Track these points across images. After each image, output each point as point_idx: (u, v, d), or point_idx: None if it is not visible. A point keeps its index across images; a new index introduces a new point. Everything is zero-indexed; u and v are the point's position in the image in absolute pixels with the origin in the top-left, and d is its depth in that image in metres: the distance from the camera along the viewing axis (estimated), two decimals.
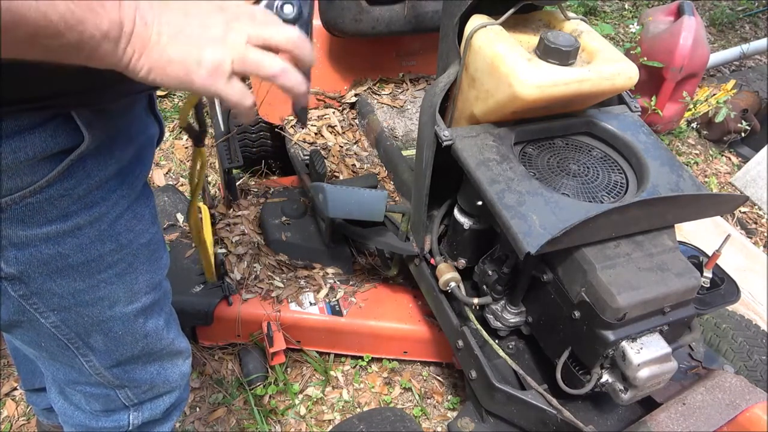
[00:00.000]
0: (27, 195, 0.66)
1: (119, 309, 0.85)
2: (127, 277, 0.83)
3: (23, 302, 0.77)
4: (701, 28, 2.64)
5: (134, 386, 0.98)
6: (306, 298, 1.72)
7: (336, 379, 1.76)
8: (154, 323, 0.92)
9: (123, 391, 0.97)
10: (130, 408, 1.01)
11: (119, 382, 0.95)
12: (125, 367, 0.94)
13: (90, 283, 0.79)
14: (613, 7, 3.98)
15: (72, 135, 0.67)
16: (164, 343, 0.97)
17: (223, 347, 1.76)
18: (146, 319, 0.90)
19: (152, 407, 1.03)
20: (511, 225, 1.07)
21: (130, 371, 0.95)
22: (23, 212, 0.68)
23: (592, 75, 1.15)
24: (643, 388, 1.10)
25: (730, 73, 3.58)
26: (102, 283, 0.80)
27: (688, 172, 1.25)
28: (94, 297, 0.81)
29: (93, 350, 0.88)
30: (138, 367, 0.96)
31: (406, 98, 2.38)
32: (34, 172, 0.66)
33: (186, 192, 2.15)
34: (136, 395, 0.99)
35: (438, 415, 1.73)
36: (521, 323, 1.32)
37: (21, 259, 0.71)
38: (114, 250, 0.79)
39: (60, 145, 0.66)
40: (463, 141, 1.21)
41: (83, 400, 0.98)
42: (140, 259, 0.84)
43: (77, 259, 0.75)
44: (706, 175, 2.83)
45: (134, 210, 0.80)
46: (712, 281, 1.37)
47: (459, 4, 1.19)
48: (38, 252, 0.72)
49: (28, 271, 0.73)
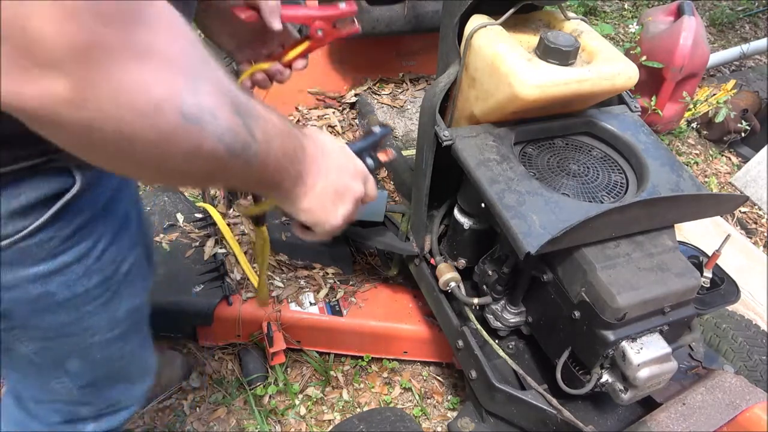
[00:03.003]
0: (18, 240, 0.65)
1: (99, 337, 0.84)
2: (111, 305, 0.82)
3: (4, 333, 0.75)
4: (701, 28, 2.64)
5: (100, 402, 0.97)
6: (306, 298, 1.72)
7: (336, 379, 1.76)
8: (130, 346, 0.91)
9: (87, 406, 0.96)
10: (89, 420, 0.98)
11: (86, 399, 0.94)
12: (96, 386, 0.92)
13: (75, 317, 0.78)
14: (613, 7, 3.98)
15: (64, 179, 0.66)
16: (137, 363, 0.96)
17: (223, 347, 1.76)
18: (124, 343, 0.89)
19: (111, 420, 1.00)
20: (511, 225, 1.07)
21: (99, 390, 0.94)
22: (12, 256, 0.66)
23: (592, 75, 1.15)
24: (643, 388, 1.10)
25: (730, 73, 3.58)
26: (86, 315, 0.79)
27: (688, 172, 1.25)
28: (77, 328, 0.80)
29: (68, 373, 0.86)
30: (108, 385, 0.95)
31: (406, 98, 2.38)
32: (26, 218, 0.65)
33: (187, 192, 2.15)
34: (99, 409, 0.98)
35: (438, 415, 1.73)
36: (521, 323, 1.32)
37: (7, 299, 0.70)
38: (100, 282, 0.77)
39: (53, 190, 0.65)
40: (463, 141, 1.21)
41: (42, 413, 0.96)
42: (123, 287, 0.83)
43: (64, 295, 0.74)
44: (706, 175, 2.83)
45: (118, 240, 0.79)
46: (712, 281, 1.37)
47: (459, 4, 1.19)
48: (25, 292, 0.70)
49: (13, 309, 0.72)
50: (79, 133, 0.45)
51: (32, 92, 0.41)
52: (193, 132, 0.50)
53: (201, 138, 0.51)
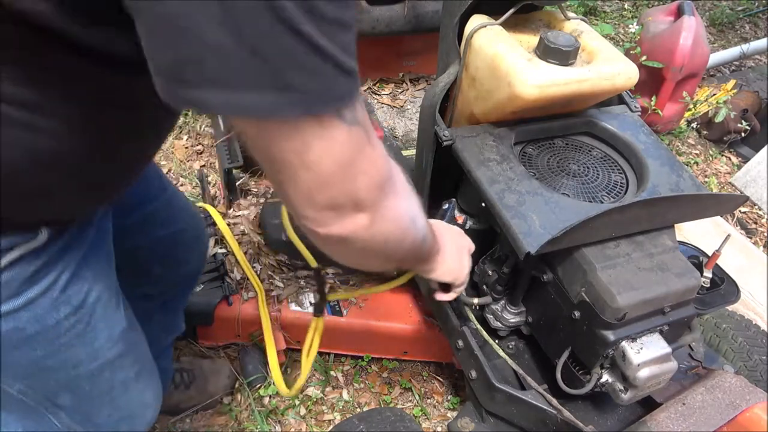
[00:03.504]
0: None
1: (84, 368, 0.83)
2: (87, 336, 0.81)
3: None
4: (701, 28, 2.64)
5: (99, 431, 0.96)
6: (306, 298, 1.71)
7: (336, 379, 1.76)
8: (123, 375, 0.90)
9: None
10: None
11: (85, 429, 0.93)
12: (94, 421, 0.92)
13: (51, 350, 0.77)
14: (613, 7, 3.98)
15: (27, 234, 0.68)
16: (134, 396, 0.95)
17: (224, 347, 1.76)
18: (113, 373, 0.88)
19: None
20: (511, 225, 1.07)
21: (99, 424, 0.93)
22: None
23: (592, 75, 1.15)
24: (643, 388, 1.10)
25: (730, 73, 3.58)
26: (63, 347, 0.79)
27: (688, 172, 1.25)
28: (56, 361, 0.79)
29: (62, 408, 0.86)
30: (106, 418, 0.94)
31: (406, 98, 2.38)
32: None
33: (187, 192, 2.15)
34: None
35: (438, 415, 1.73)
36: (521, 323, 1.32)
37: None
38: (69, 314, 0.77)
39: (10, 244, 0.66)
40: (463, 141, 1.21)
41: None
42: (95, 317, 0.82)
43: (34, 329, 0.74)
44: (706, 175, 2.83)
45: (82, 269, 0.78)
46: (712, 281, 1.37)
47: (459, 4, 1.19)
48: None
49: None
50: (362, 247, 0.67)
51: (342, 227, 0.62)
52: (416, 232, 0.76)
53: (415, 235, 0.76)
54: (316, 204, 0.59)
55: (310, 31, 0.45)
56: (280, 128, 0.51)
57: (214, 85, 0.46)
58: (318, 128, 0.52)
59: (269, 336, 1.48)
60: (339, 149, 0.55)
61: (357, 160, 0.57)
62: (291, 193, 0.58)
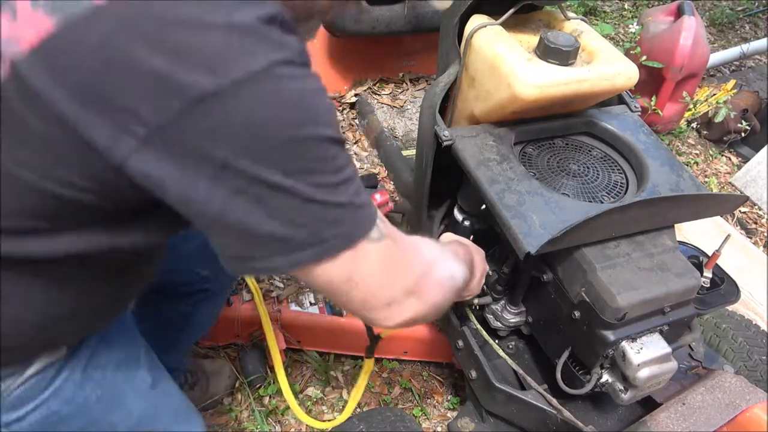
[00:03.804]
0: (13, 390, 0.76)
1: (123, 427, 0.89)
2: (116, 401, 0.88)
3: None
4: (701, 28, 2.64)
5: None
6: (306, 298, 1.72)
7: (336, 379, 1.76)
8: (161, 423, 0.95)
9: None
10: None
11: None
12: None
13: (89, 420, 0.85)
14: (613, 7, 3.98)
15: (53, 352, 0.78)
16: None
17: (224, 347, 1.76)
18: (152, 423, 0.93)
19: None
20: (511, 225, 1.07)
21: None
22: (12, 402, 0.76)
23: (592, 75, 1.15)
24: (643, 388, 1.10)
25: (730, 73, 3.58)
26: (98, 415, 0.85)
27: (688, 172, 1.25)
28: (97, 428, 0.86)
29: None
30: None
31: (406, 98, 2.39)
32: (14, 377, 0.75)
33: None
34: None
35: (438, 415, 1.73)
36: (521, 323, 1.32)
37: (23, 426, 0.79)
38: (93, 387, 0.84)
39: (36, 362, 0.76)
40: (463, 141, 1.21)
41: None
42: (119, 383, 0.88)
43: (68, 410, 0.82)
44: (706, 175, 2.83)
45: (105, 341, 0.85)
46: (712, 281, 1.37)
47: (459, 4, 1.19)
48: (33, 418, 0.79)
49: None
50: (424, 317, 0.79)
51: (402, 315, 0.75)
52: (456, 282, 0.87)
53: (457, 284, 0.88)
54: (375, 308, 0.72)
55: (326, 197, 0.61)
56: (329, 266, 0.65)
57: (275, 255, 0.62)
58: (354, 255, 0.65)
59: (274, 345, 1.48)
60: (375, 263, 0.68)
61: (392, 264, 0.71)
62: (352, 308, 0.72)
